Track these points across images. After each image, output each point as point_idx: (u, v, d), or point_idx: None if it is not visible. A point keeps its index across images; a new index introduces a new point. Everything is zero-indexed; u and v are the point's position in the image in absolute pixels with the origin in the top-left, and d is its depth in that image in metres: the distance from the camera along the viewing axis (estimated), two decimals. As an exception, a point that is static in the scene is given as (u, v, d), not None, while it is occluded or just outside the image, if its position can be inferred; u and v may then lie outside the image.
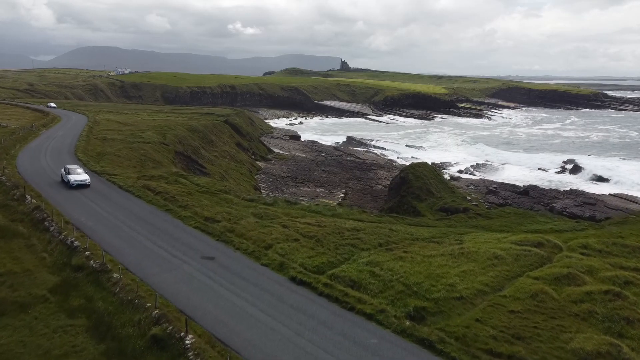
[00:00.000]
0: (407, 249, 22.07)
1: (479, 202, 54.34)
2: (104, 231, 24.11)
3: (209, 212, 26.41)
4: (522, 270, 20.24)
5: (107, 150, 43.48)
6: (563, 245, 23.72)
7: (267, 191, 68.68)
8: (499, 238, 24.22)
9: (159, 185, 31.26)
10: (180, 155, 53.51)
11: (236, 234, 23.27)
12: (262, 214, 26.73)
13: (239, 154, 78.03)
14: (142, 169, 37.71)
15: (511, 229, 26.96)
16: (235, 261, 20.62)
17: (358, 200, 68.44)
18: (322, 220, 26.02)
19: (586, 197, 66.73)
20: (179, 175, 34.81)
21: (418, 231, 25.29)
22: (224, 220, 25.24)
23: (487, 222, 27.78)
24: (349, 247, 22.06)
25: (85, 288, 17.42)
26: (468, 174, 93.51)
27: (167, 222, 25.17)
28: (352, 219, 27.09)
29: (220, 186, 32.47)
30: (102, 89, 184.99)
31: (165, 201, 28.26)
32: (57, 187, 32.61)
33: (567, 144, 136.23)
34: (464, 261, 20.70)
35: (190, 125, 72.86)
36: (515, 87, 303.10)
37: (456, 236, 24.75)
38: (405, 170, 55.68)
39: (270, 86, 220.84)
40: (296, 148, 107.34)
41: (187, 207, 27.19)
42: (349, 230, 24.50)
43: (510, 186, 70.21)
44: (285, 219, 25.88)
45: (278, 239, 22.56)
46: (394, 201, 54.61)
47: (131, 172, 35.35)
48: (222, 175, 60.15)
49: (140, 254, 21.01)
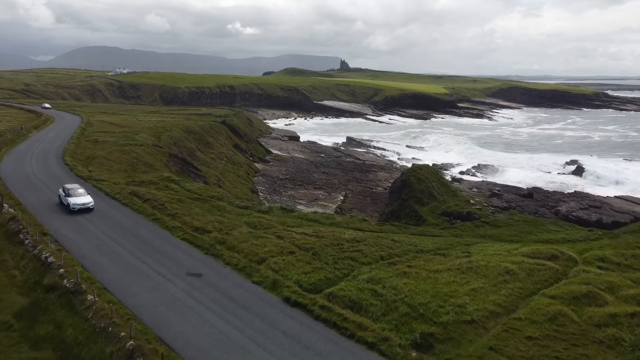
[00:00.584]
0: (411, 262, 20.41)
1: (482, 206, 52.67)
2: (84, 244, 22.40)
3: (199, 221, 24.72)
4: (536, 287, 18.59)
5: (98, 153, 41.79)
6: (578, 258, 22.08)
7: (265, 194, 67.06)
8: (509, 250, 22.57)
9: (148, 192, 29.57)
10: (174, 158, 51.85)
11: (227, 247, 21.59)
12: (256, 223, 25.06)
13: (236, 155, 76.37)
14: (132, 173, 36.01)
15: (521, 239, 25.31)
16: (224, 279, 18.91)
17: (358, 203, 66.84)
18: (319, 230, 24.36)
19: (591, 200, 65.08)
20: (170, 181, 33.13)
21: (422, 242, 23.64)
22: (214, 230, 23.55)
23: (496, 231, 26.14)
24: (348, 261, 20.40)
25: (55, 312, 15.71)
26: (470, 175, 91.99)
27: (153, 234, 23.45)
28: (351, 228, 25.43)
29: (213, 192, 30.80)
30: (100, 89, 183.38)
31: (153, 209, 26.57)
32: (38, 192, 30.72)
33: (569, 144, 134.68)
34: (473, 277, 19.05)
35: (186, 126, 71.20)
36: (516, 87, 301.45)
37: (463, 247, 23.10)
38: (407, 173, 54.04)
39: (270, 86, 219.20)
40: (295, 149, 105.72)
41: (176, 216, 25.50)
42: (349, 241, 22.85)
43: (513, 188, 68.58)
44: (281, 229, 24.21)
45: (272, 252, 20.88)
46: (395, 205, 52.96)
47: (120, 177, 33.63)
48: (218, 178, 58.51)
49: (121, 271, 19.31)
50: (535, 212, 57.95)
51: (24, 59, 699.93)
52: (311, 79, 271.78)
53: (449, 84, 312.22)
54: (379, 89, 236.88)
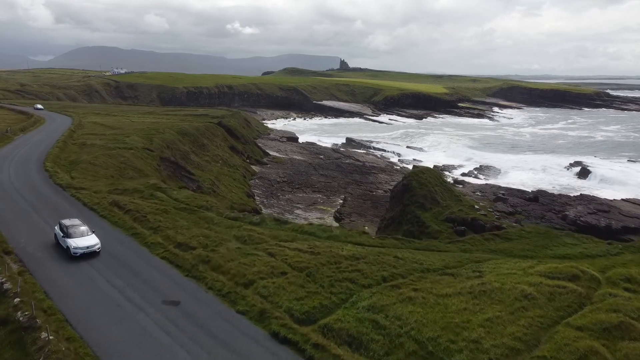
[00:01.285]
0: (416, 285, 18.23)
1: (487, 211, 50.51)
2: (50, 264, 20.12)
3: (183, 236, 22.51)
4: (559, 315, 16.42)
5: (83, 158, 39.56)
6: (601, 277, 19.91)
7: (262, 198, 64.89)
8: (525, 268, 20.39)
9: (131, 202, 27.37)
10: (166, 162, 49.66)
11: (211, 266, 19.39)
12: (246, 237, 22.87)
13: (232, 158, 74.18)
14: (118, 180, 33.82)
15: (536, 254, 23.15)
16: (205, 307, 16.68)
17: (358, 207, 64.70)
18: (315, 245, 22.18)
19: (599, 204, 62.97)
20: (157, 188, 30.92)
21: (428, 258, 21.47)
22: (199, 246, 21.36)
23: (508, 245, 23.99)
24: (346, 284, 18.21)
25: (3, 354, 13.52)
26: (472, 177, 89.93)
27: (130, 252, 21.21)
28: (350, 243, 23.25)
29: (202, 201, 28.61)
30: (97, 90, 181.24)
31: (134, 222, 24.36)
32: (9, 203, 28.26)
33: (572, 145, 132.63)
34: (487, 302, 16.88)
35: (180, 128, 69.00)
36: (517, 87, 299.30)
37: (474, 265, 20.94)
38: (409, 177, 51.84)
39: (269, 86, 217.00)
40: (294, 150, 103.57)
41: (158, 230, 23.29)
42: (347, 258, 20.67)
43: (518, 192, 66.46)
44: (273, 244, 22.03)
45: (261, 273, 18.70)
46: (396, 210, 50.78)
47: (103, 185, 31.40)
48: (212, 182, 56.32)
49: (88, 298, 17.05)
50: (542, 217, 55.88)
51: (23, 59, 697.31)
52: (310, 78, 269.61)
53: (449, 84, 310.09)
54: (379, 89, 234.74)
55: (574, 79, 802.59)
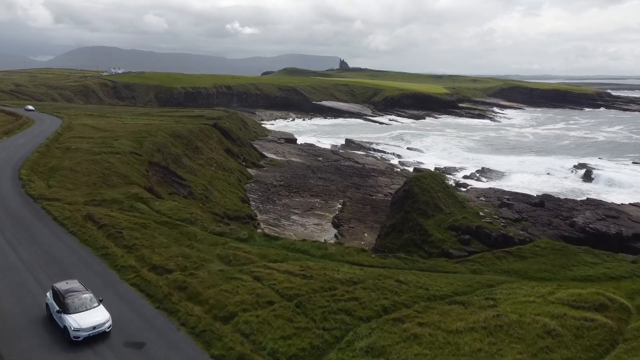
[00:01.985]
0: (422, 317, 15.87)
1: (492, 218, 48.13)
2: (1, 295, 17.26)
3: (160, 256, 20.12)
4: (589, 357, 14.07)
5: (64, 164, 37.14)
6: (631, 306, 17.56)
7: (257, 203, 62.52)
8: (544, 295, 18.03)
9: (107, 214, 24.99)
10: (155, 167, 47.28)
11: (188, 295, 17.03)
12: (231, 256, 20.49)
13: (227, 161, 71.81)
14: (98, 189, 31.39)
15: (554, 276, 20.80)
16: (174, 351, 14.18)
17: (357, 212, 62.32)
18: (308, 266, 19.81)
19: (607, 209, 60.58)
20: (138, 199, 28.54)
21: (434, 282, 19.11)
22: (177, 269, 18.98)
23: (522, 264, 21.64)
24: (341, 316, 15.85)
25: None
26: (474, 180, 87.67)
27: (96, 276, 18.74)
28: (347, 263, 20.89)
29: (185, 214, 26.22)
30: (94, 90, 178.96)
31: (107, 239, 21.95)
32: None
33: (576, 146, 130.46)
34: (505, 341, 14.53)
35: (173, 130, 66.63)
36: (517, 87, 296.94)
37: (486, 291, 18.58)
38: (410, 183, 49.48)
39: (268, 86, 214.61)
40: (292, 152, 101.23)
41: (133, 249, 20.90)
42: (343, 283, 18.31)
43: (523, 196, 64.06)
44: (260, 266, 19.66)
45: (245, 303, 16.32)
46: (397, 217, 48.42)
47: (79, 195, 28.96)
48: (205, 187, 53.96)
49: (35, 339, 14.47)
50: (549, 224, 53.52)
51: (23, 59, 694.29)
52: (310, 79, 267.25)
53: (450, 84, 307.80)
54: (379, 89, 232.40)
55: (574, 79, 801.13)
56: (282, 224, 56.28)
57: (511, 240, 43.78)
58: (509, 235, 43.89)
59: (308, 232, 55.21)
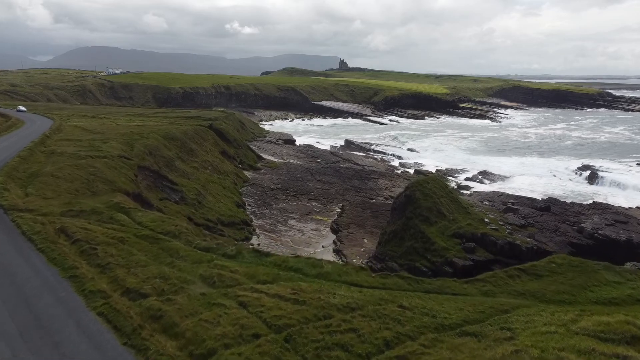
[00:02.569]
0: (430, 354, 13.77)
1: (498, 225, 46.09)
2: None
3: (136, 277, 17.98)
4: (627, 406, 12.04)
5: (46, 169, 34.98)
6: (665, 336, 15.46)
7: (253, 207, 60.47)
8: (566, 323, 15.94)
9: (83, 227, 22.84)
10: (145, 171, 45.19)
11: (163, 326, 14.89)
12: (215, 277, 18.38)
13: (223, 163, 69.72)
14: (78, 197, 29.26)
15: (575, 298, 18.72)
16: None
17: (356, 217, 60.29)
18: (301, 288, 17.72)
19: (615, 213, 58.51)
20: (119, 209, 26.41)
21: (442, 307, 17.01)
22: (153, 293, 16.86)
23: (537, 284, 19.58)
24: (337, 353, 13.75)
25: None
26: (477, 182, 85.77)
27: (59, 304, 16.41)
28: (344, 283, 18.79)
29: (170, 226, 24.06)
30: (91, 90, 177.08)
31: (79, 257, 19.76)
32: None
33: (579, 147, 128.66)
34: (527, 384, 12.48)
35: (167, 132, 64.54)
36: (518, 87, 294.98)
37: (501, 318, 16.48)
38: (412, 188, 47.42)
39: (267, 86, 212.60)
40: (290, 154, 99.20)
41: (107, 269, 18.76)
42: (340, 309, 16.22)
43: (528, 200, 61.94)
44: (247, 288, 17.55)
45: (226, 337, 14.20)
46: (398, 224, 46.36)
47: (56, 205, 26.80)
48: (198, 191, 51.86)
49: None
50: (556, 230, 51.50)
51: (23, 59, 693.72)
52: (310, 78, 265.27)
53: (450, 84, 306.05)
54: (379, 89, 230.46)
55: (573, 78, 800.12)
56: (279, 230, 54.24)
57: (518, 248, 41.84)
58: (515, 243, 41.91)
59: (305, 238, 53.19)
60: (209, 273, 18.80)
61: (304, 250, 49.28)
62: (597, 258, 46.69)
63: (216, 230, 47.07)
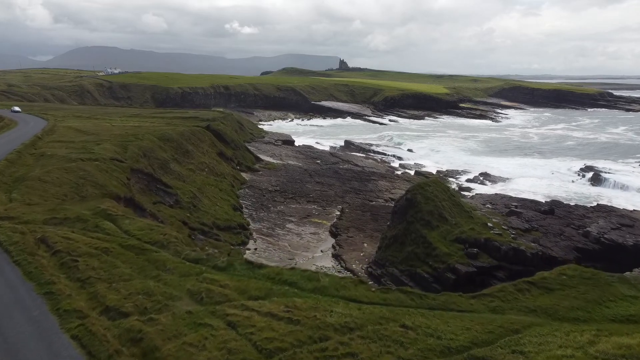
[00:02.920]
0: (436, 383, 12.50)
1: (501, 229, 44.79)
2: None
3: (118, 293, 16.64)
4: None
5: (34, 172, 33.66)
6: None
7: (250, 210, 59.17)
8: (584, 345, 14.66)
9: (66, 237, 21.47)
10: (138, 174, 43.89)
11: (142, 350, 13.59)
12: (204, 292, 17.06)
13: (220, 165, 68.41)
14: (64, 203, 27.90)
15: (590, 315, 17.41)
16: None
17: (356, 219, 58.99)
18: (295, 305, 16.42)
19: (619, 216, 57.23)
20: (106, 216, 25.05)
21: (447, 327, 15.71)
22: (135, 312, 15.54)
23: (549, 299, 18.28)
24: (334, 382, 12.52)
25: None
26: (478, 183, 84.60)
27: (30, 324, 14.91)
28: (342, 299, 17.48)
29: (158, 235, 22.65)
30: (89, 90, 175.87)
31: (57, 270, 18.35)
32: None
33: (581, 147, 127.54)
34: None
35: (162, 133, 63.23)
36: (519, 87, 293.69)
37: (512, 339, 15.19)
38: (413, 191, 46.11)
39: (266, 86, 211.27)
40: (289, 155, 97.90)
41: (87, 284, 17.41)
42: (337, 330, 14.93)
43: (531, 203, 60.63)
44: (237, 305, 16.24)
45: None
46: (399, 228, 45.06)
47: (40, 211, 25.41)
48: (193, 194, 50.57)
49: None
50: (561, 234, 50.19)
51: (23, 59, 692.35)
52: (309, 78, 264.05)
53: (450, 84, 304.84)
54: (379, 89, 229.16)
55: (573, 78, 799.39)
56: (277, 234, 52.96)
57: (522, 254, 40.49)
58: (520, 248, 40.57)
59: (304, 242, 51.92)
60: (197, 288, 17.49)
61: (302, 255, 48.00)
62: (603, 263, 45.48)
63: (212, 235, 45.80)
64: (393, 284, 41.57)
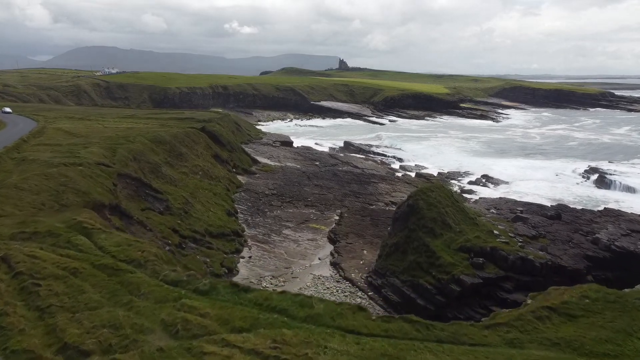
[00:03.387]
0: None
1: (508, 237, 42.62)
2: None
3: (80, 326, 14.42)
4: None
5: (10, 179, 31.42)
6: None
7: (246, 215, 56.99)
8: (620, 391, 12.52)
9: (32, 255, 19.24)
10: (125, 179, 41.72)
11: (100, 402, 11.57)
12: (180, 324, 14.93)
13: (215, 168, 66.22)
14: (39, 212, 25.81)
15: (621, 349, 15.26)
16: None
17: (355, 225, 56.83)
18: (284, 339, 14.29)
19: (629, 221, 54.97)
20: (81, 229, 22.81)
21: (459, 365, 13.59)
22: (97, 350, 13.34)
23: (573, 329, 16.15)
24: None
25: None
26: (481, 186, 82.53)
27: None
28: (338, 330, 15.36)
29: (135, 252, 20.37)
30: (86, 90, 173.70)
31: (15, 297, 16.05)
32: None
33: (584, 148, 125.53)
34: None
35: (155, 135, 61.05)
36: (519, 87, 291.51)
37: (534, 383, 13.06)
38: (414, 196, 43.92)
39: (265, 86, 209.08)
40: (287, 156, 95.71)
41: (46, 314, 15.23)
42: (332, 371, 12.82)
43: (537, 207, 58.45)
44: (218, 340, 14.12)
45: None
46: (400, 236, 42.87)
47: (9, 224, 23.15)
48: (185, 200, 48.40)
49: None
50: (569, 241, 48.01)
51: (22, 59, 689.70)
52: (309, 78, 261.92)
53: (450, 84, 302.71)
54: (379, 89, 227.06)
55: (573, 78, 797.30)
56: (273, 240, 50.79)
57: (531, 264, 38.34)
58: (528, 257, 38.39)
59: (301, 249, 49.75)
60: (172, 318, 15.30)
61: (299, 263, 45.87)
62: (615, 272, 43.23)
63: (203, 243, 43.65)
64: (394, 295, 39.47)
